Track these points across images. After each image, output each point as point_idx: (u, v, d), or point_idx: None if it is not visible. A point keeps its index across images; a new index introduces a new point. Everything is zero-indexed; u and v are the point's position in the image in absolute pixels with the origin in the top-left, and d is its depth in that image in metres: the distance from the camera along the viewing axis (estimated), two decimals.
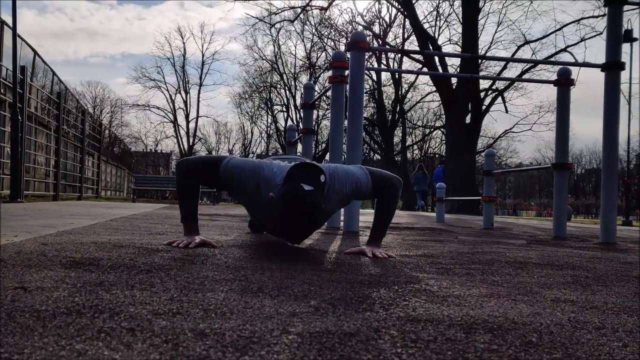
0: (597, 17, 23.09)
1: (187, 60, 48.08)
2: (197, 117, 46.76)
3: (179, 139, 46.56)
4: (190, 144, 46.00)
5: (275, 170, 2.24)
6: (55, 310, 1.05)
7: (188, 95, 46.59)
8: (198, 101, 46.74)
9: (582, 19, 24.08)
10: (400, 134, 39.00)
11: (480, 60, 24.24)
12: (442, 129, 36.53)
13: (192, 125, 46.62)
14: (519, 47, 27.21)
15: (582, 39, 24.14)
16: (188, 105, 46.51)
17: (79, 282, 1.35)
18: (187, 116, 46.52)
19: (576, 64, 10.34)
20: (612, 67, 4.26)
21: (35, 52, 10.61)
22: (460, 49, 25.05)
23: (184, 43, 50.00)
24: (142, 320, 1.01)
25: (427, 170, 21.48)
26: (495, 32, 34.33)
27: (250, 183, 2.26)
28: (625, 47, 18.13)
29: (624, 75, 5.00)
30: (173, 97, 46.13)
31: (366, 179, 2.37)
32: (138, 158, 40.44)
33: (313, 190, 2.04)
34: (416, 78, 35.98)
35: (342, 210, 4.39)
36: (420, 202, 19.55)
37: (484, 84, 26.53)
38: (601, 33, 22.06)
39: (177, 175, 2.37)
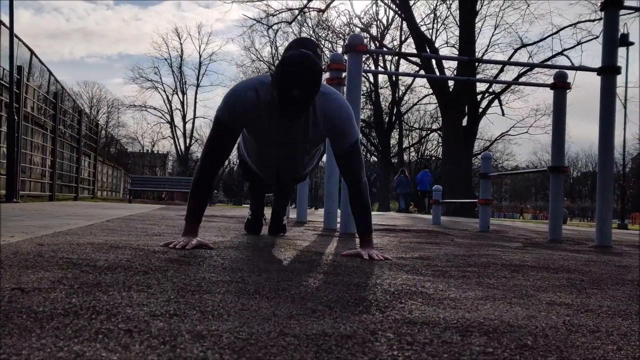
0: (593, 21, 23.19)
1: (185, 61, 47.96)
2: (194, 118, 46.80)
3: (176, 139, 46.55)
4: (187, 145, 45.99)
5: (263, 76, 2.39)
6: (52, 312, 1.05)
7: (185, 96, 46.62)
8: (195, 102, 46.77)
9: (579, 22, 24.18)
10: (397, 136, 39.07)
11: (477, 63, 24.30)
12: (438, 132, 36.59)
13: (189, 126, 46.65)
14: (515, 50, 27.29)
15: (579, 43, 24.24)
16: (185, 106, 46.53)
17: (76, 283, 1.35)
18: (184, 117, 46.52)
19: (572, 67, 10.37)
20: (608, 70, 4.28)
21: (32, 52, 10.59)
22: (457, 52, 25.11)
23: (181, 44, 49.91)
24: (140, 321, 1.01)
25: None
26: (492, 35, 34.52)
27: (248, 93, 2.32)
28: (621, 50, 18.21)
29: (620, 78, 5.02)
30: (170, 98, 46.16)
31: (355, 134, 2.41)
32: (134, 159, 40.37)
33: (312, 53, 2.16)
34: (413, 80, 36.06)
35: (339, 211, 4.39)
36: (402, 204, 19.79)
37: (480, 86, 26.59)
38: (597, 37, 22.16)
39: (197, 171, 2.42)
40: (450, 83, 22.18)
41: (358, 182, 2.41)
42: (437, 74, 22.65)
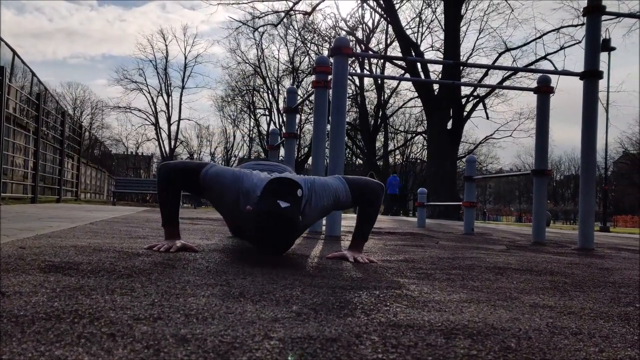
0: (576, 26, 23.50)
1: (170, 63, 47.74)
2: (179, 119, 46.54)
3: (161, 141, 46.24)
4: (172, 146, 45.71)
5: (255, 182, 2.22)
6: (34, 316, 1.04)
7: (170, 97, 46.35)
8: (180, 104, 46.50)
9: (562, 27, 24.49)
10: (383, 139, 39.20)
11: (462, 67, 24.48)
12: (423, 135, 36.79)
13: (173, 128, 46.39)
14: (500, 55, 27.57)
15: (562, 47, 24.55)
16: (170, 108, 46.25)
17: (58, 287, 1.34)
18: (168, 119, 46.24)
19: (556, 72, 10.48)
20: (591, 75, 4.34)
21: (15, 53, 10.47)
22: (442, 56, 25.28)
23: (166, 45, 49.64)
24: (123, 325, 1.00)
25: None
26: (477, 39, 34.78)
27: (230, 194, 2.24)
28: (603, 55, 18.46)
29: (602, 83, 5.09)
30: (155, 100, 45.85)
31: (344, 189, 2.36)
32: (119, 160, 40.04)
33: (289, 206, 2.03)
34: (398, 84, 36.27)
35: None
36: None
37: (465, 90, 26.81)
38: (580, 42, 22.44)
39: (158, 179, 2.36)
40: (435, 86, 22.32)
41: (371, 196, 2.42)
42: (423, 77, 22.78)
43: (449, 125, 22.68)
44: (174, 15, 73.43)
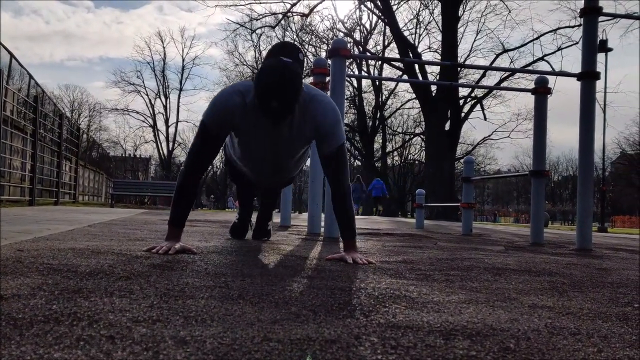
0: (573, 27, 23.54)
1: (167, 65, 47.71)
2: (177, 121, 46.55)
3: (159, 143, 46.23)
4: (170, 149, 45.71)
5: (248, 82, 2.37)
6: (32, 318, 1.03)
7: (168, 99, 46.35)
8: (178, 106, 46.53)
9: (559, 28, 24.53)
10: (381, 140, 39.23)
11: (459, 68, 24.52)
12: (421, 136, 36.81)
13: (171, 130, 46.38)
14: (497, 56, 27.61)
15: (559, 48, 24.58)
16: (168, 110, 46.26)
17: (56, 290, 1.34)
18: (166, 121, 46.23)
19: (553, 73, 10.51)
20: (588, 76, 4.35)
21: (12, 55, 10.45)
22: (439, 57, 25.31)
23: (164, 47, 49.47)
24: (122, 327, 1.00)
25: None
26: (475, 40, 34.91)
27: (234, 99, 2.32)
28: (600, 56, 18.49)
29: (599, 84, 5.10)
30: (153, 102, 45.86)
31: (342, 139, 2.40)
32: (117, 163, 39.97)
33: (291, 62, 2.14)
34: (396, 85, 36.28)
35: (322, 215, 4.39)
36: (356, 207, 20.53)
37: (463, 91, 26.87)
38: (577, 43, 22.48)
39: (178, 176, 2.41)
40: (433, 88, 22.34)
41: (342, 186, 2.41)
42: (420, 78, 22.80)
43: (447, 126, 22.70)
44: (171, 17, 73.59)
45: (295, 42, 33.90)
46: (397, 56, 24.07)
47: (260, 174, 2.85)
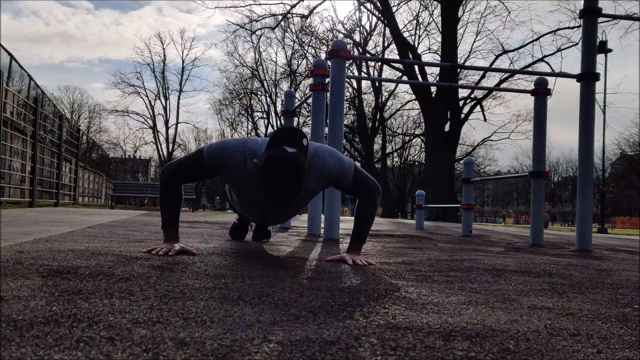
0: (572, 28, 23.58)
1: (167, 66, 47.74)
2: (177, 123, 46.59)
3: (158, 145, 46.26)
4: (170, 150, 45.72)
5: (259, 142, 2.33)
6: (32, 320, 1.03)
7: (168, 101, 46.40)
8: (178, 107, 46.57)
9: (559, 29, 24.57)
10: (381, 142, 39.24)
11: (459, 69, 24.53)
12: (421, 137, 36.83)
13: (171, 131, 46.42)
14: (497, 57, 27.63)
15: (559, 49, 24.62)
16: (168, 112, 46.30)
17: (56, 291, 1.34)
18: (166, 122, 46.27)
19: (553, 74, 10.52)
20: (588, 77, 4.35)
21: (12, 57, 10.46)
22: (439, 58, 25.33)
23: (163, 49, 49.50)
24: (122, 329, 1.01)
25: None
26: (474, 42, 34.92)
27: (237, 157, 2.30)
28: (600, 57, 18.51)
29: (599, 85, 5.10)
30: (152, 103, 45.90)
31: (350, 166, 2.41)
32: (116, 164, 40.00)
33: (296, 152, 2.10)
34: (396, 86, 36.28)
35: (323, 217, 4.39)
36: (351, 208, 20.54)
37: (462, 92, 26.87)
38: (577, 44, 22.52)
39: (162, 179, 2.39)
40: (433, 89, 22.35)
41: (370, 194, 2.43)
42: (420, 79, 22.81)
43: (447, 127, 22.71)
44: (171, 18, 73.64)
45: (296, 42, 33.79)
46: (397, 57, 24.08)
47: (259, 220, 2.99)
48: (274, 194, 2.12)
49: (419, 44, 31.44)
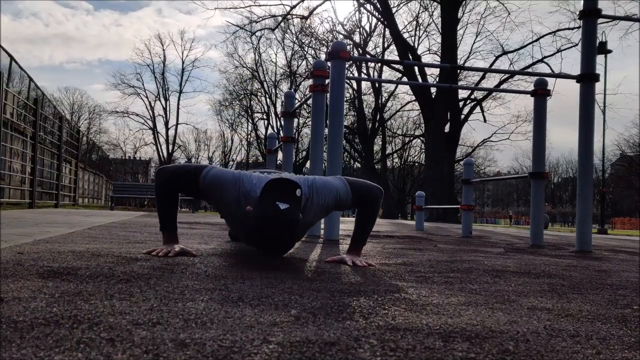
0: (572, 29, 23.60)
1: (167, 67, 47.73)
2: (177, 124, 46.59)
3: (158, 146, 46.27)
4: (170, 151, 45.73)
5: (254, 182, 2.23)
6: (32, 321, 1.04)
7: (167, 102, 46.40)
8: (178, 108, 46.57)
9: (558, 30, 24.60)
10: (380, 143, 39.25)
11: (459, 70, 24.53)
12: (421, 138, 36.84)
13: (171, 132, 46.43)
14: (497, 58, 27.64)
15: (558, 50, 24.64)
16: (167, 113, 46.30)
17: (56, 292, 1.34)
18: (166, 123, 46.27)
19: (552, 75, 10.51)
20: (587, 78, 4.36)
21: (12, 58, 10.47)
22: (439, 59, 25.34)
23: (163, 50, 49.57)
24: (122, 330, 1.01)
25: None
26: (474, 43, 34.90)
27: (231, 194, 2.25)
28: (600, 58, 18.51)
29: (599, 86, 5.10)
30: (152, 104, 45.91)
31: (345, 190, 2.38)
32: (116, 165, 40.03)
33: (289, 208, 2.03)
34: (396, 87, 36.32)
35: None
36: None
37: (462, 93, 26.87)
38: (576, 45, 22.53)
39: (157, 182, 2.36)
40: (433, 90, 22.35)
41: (370, 199, 2.43)
42: (420, 80, 22.82)
43: (447, 128, 22.72)
44: (170, 19, 73.70)
45: (296, 43, 33.76)
46: (397, 58, 24.09)
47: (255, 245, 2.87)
48: (267, 249, 2.11)
49: (418, 45, 31.48)
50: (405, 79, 23.56)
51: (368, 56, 30.90)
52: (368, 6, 27.91)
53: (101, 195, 24.25)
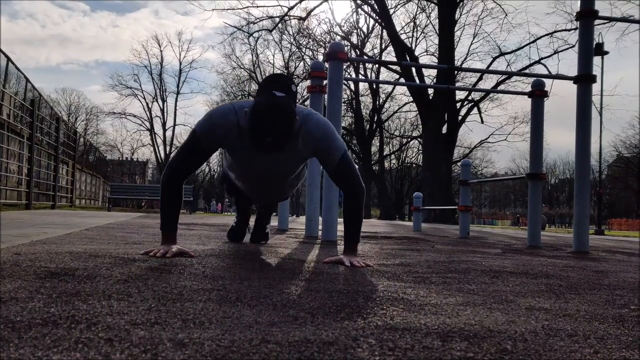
0: (569, 30, 23.67)
1: (164, 68, 47.78)
2: (174, 125, 46.56)
3: (156, 147, 46.25)
4: (167, 152, 45.67)
5: (249, 101, 2.36)
6: (30, 321, 1.03)
7: (165, 103, 46.40)
8: (175, 109, 46.58)
9: (555, 32, 24.65)
10: (378, 144, 39.27)
11: (456, 72, 24.57)
12: (419, 139, 36.87)
13: (168, 133, 46.41)
14: (494, 59, 27.69)
15: (555, 52, 24.69)
16: (165, 114, 46.29)
17: (54, 293, 1.34)
18: (164, 124, 46.25)
19: (549, 76, 10.54)
20: (584, 79, 4.37)
21: (9, 59, 10.44)
22: (436, 60, 25.37)
23: (161, 51, 49.63)
24: (120, 330, 1.01)
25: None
26: (471, 44, 34.97)
27: (228, 118, 2.31)
28: (597, 59, 18.56)
29: (596, 87, 5.11)
30: (150, 105, 45.88)
31: (341, 147, 2.39)
32: (114, 166, 39.92)
33: (284, 96, 2.14)
34: (393, 88, 36.37)
35: (320, 219, 4.39)
36: None
37: (460, 94, 26.90)
38: (573, 46, 22.59)
39: (163, 179, 2.39)
40: (430, 91, 22.37)
41: (355, 190, 2.40)
42: (417, 81, 22.84)
43: (444, 129, 22.74)
44: (167, 21, 73.69)
45: (293, 43, 33.82)
46: (394, 59, 24.11)
47: (255, 192, 2.91)
48: (264, 139, 2.13)
49: (416, 46, 31.54)
50: (402, 80, 23.58)
51: (365, 57, 30.92)
52: (365, 7, 27.96)
53: (98, 196, 24.21)
